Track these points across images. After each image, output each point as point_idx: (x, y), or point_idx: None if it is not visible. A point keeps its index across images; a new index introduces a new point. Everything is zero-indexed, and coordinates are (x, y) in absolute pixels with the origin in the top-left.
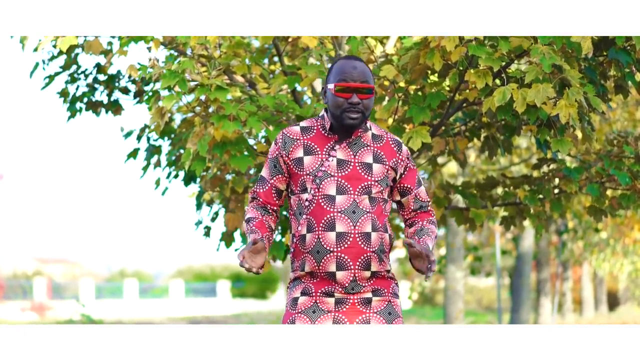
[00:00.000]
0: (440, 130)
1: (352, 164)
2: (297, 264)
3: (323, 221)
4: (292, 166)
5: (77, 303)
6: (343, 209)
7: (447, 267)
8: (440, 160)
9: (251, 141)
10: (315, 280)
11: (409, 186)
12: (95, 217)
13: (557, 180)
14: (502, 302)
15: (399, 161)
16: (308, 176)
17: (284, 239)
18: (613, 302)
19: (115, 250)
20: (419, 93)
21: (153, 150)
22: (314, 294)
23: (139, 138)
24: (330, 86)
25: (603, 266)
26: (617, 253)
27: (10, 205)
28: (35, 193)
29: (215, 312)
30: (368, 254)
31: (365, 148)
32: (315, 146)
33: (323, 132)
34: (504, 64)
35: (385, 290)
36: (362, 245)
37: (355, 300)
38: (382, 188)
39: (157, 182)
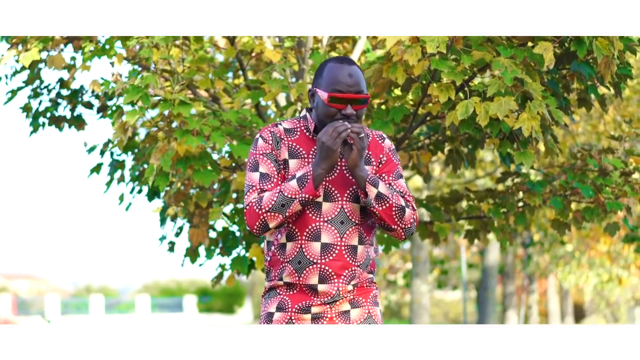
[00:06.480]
0: (404, 144)
1: (338, 167)
2: (274, 273)
3: (307, 230)
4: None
5: (42, 319)
6: (329, 218)
7: (413, 280)
8: (404, 174)
9: (215, 156)
10: (292, 292)
11: (384, 176)
12: (60, 232)
13: (520, 194)
14: (468, 315)
15: (383, 155)
16: None
17: (247, 254)
18: (579, 314)
19: (81, 265)
20: (382, 107)
21: (116, 165)
22: (289, 309)
23: (102, 153)
24: (322, 94)
25: (569, 279)
26: (582, 265)
27: None
28: None
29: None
30: (353, 268)
31: None
32: (301, 149)
33: (307, 134)
34: (466, 77)
35: (363, 300)
36: (348, 259)
37: (333, 315)
38: None
39: (121, 198)
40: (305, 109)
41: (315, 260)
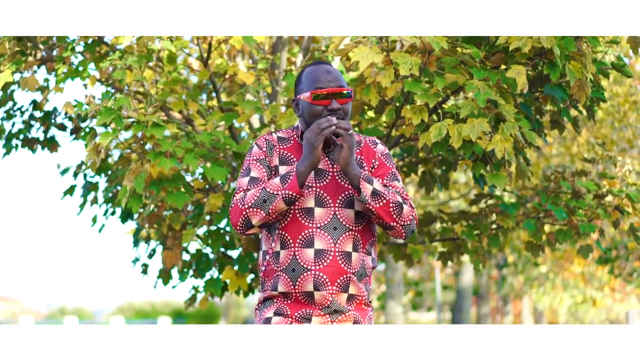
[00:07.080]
0: None
1: (330, 173)
2: (268, 283)
3: (300, 237)
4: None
5: None
6: (323, 224)
7: (387, 302)
8: None
9: (188, 178)
10: (289, 302)
11: (378, 178)
12: (34, 254)
13: (494, 216)
14: None
15: (375, 159)
16: None
17: (220, 276)
18: None
19: (55, 287)
20: (356, 129)
21: (90, 187)
22: (289, 315)
23: (75, 175)
24: (305, 95)
25: (543, 300)
26: (556, 287)
27: None
28: None
29: None
30: (348, 275)
31: None
32: (292, 156)
33: (300, 142)
34: (439, 99)
35: (362, 322)
36: (343, 265)
37: None
38: None
39: (94, 219)
40: (298, 120)
41: (309, 267)
